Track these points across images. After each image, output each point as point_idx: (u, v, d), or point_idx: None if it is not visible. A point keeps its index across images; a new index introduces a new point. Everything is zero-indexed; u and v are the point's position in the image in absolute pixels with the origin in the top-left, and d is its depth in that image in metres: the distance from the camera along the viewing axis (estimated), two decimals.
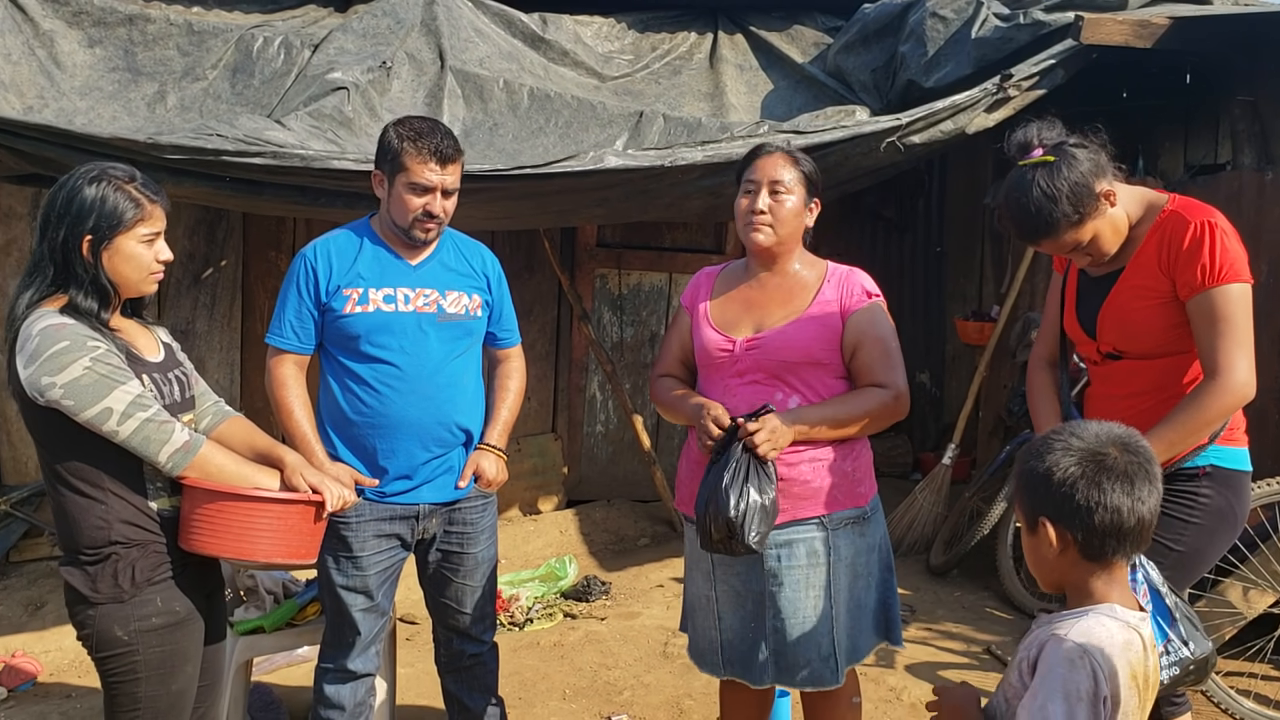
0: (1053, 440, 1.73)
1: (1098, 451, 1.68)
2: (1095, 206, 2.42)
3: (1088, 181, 2.41)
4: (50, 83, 4.31)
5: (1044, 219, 2.42)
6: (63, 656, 4.30)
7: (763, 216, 2.66)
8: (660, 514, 5.98)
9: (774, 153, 2.72)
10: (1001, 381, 5.92)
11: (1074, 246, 2.48)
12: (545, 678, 4.17)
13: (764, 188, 2.67)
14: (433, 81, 4.52)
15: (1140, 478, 1.67)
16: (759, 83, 5.07)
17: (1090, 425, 1.74)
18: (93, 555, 2.20)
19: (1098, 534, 1.67)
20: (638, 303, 6.14)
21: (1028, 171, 2.43)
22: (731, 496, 2.44)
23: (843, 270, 2.76)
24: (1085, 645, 1.62)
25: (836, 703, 2.78)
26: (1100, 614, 1.68)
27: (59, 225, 2.19)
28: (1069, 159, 2.41)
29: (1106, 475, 1.66)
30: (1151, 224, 2.49)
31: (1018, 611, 4.82)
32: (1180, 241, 2.41)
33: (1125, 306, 2.52)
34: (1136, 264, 2.50)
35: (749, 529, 2.45)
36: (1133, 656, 1.65)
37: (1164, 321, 2.47)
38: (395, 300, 2.84)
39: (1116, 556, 1.70)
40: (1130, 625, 1.68)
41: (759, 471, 2.49)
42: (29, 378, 2.11)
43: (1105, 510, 1.65)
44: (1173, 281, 2.43)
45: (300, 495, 2.32)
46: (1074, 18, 4.30)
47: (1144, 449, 1.71)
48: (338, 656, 2.94)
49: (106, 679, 2.25)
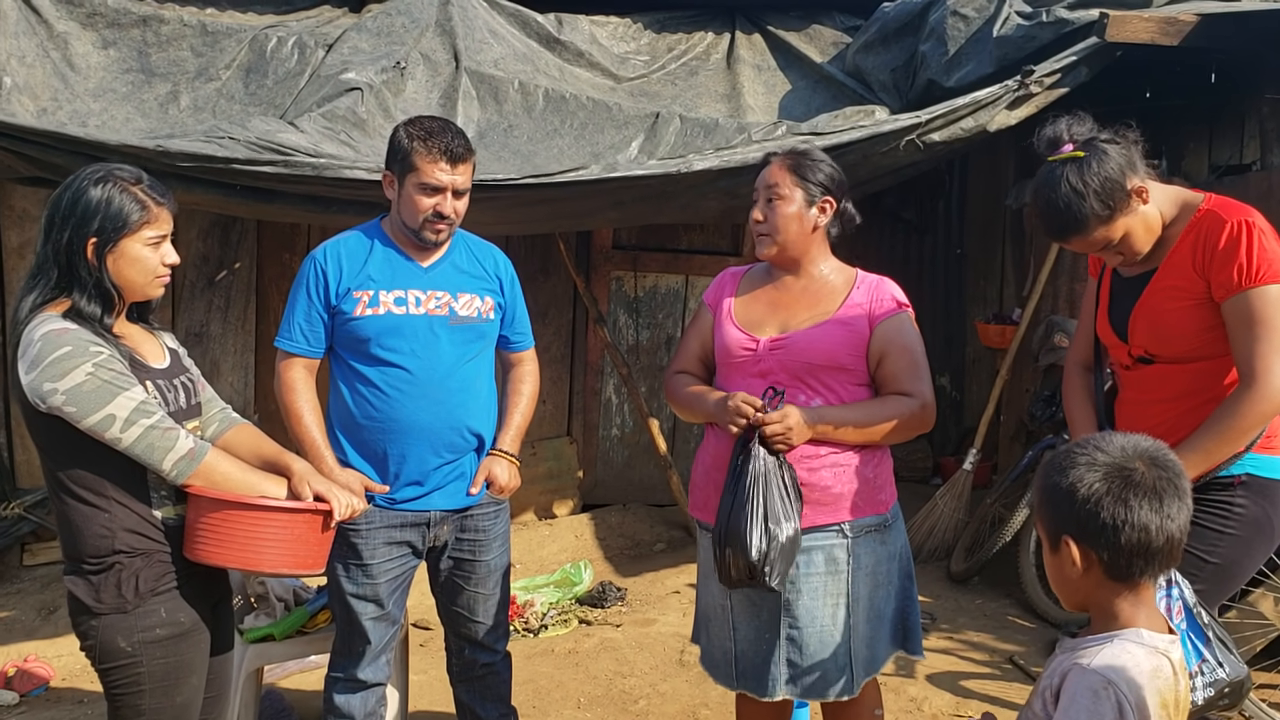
0: (1076, 454, 1.65)
1: (1124, 466, 1.61)
2: (1126, 203, 2.35)
3: (1119, 177, 2.34)
4: (64, 84, 4.30)
5: (1073, 215, 2.35)
6: (75, 661, 4.28)
7: (760, 226, 2.66)
8: (676, 519, 5.92)
9: (775, 160, 2.70)
10: (1023, 385, 5.84)
11: (1104, 244, 2.41)
12: (560, 685, 4.12)
13: (762, 196, 2.66)
14: (447, 82, 4.49)
15: (1169, 494, 1.60)
16: (777, 83, 5.02)
17: (1116, 438, 1.67)
18: (96, 565, 2.16)
19: (1124, 554, 1.60)
20: (654, 305, 6.09)
21: (1057, 167, 2.36)
22: (752, 538, 2.40)
23: (873, 278, 2.72)
24: (1110, 675, 1.55)
25: (858, 715, 2.72)
26: (1126, 640, 1.61)
27: (63, 227, 2.15)
28: (1099, 154, 2.34)
29: (1133, 491, 1.59)
30: (1186, 223, 2.41)
31: (1040, 620, 4.74)
32: (1216, 241, 2.33)
33: (1158, 308, 2.44)
34: (1170, 264, 2.42)
35: (771, 572, 2.42)
36: (1161, 684, 1.58)
37: (1197, 324, 2.39)
38: (406, 303, 2.79)
39: (1144, 577, 1.63)
40: (1159, 650, 1.61)
41: (780, 493, 2.43)
42: (30, 384, 2.07)
43: (1132, 529, 1.58)
44: (1208, 282, 2.35)
45: (307, 504, 2.27)
46: (1098, 15, 4.23)
47: (1173, 463, 1.64)
48: (348, 665, 2.90)
49: (110, 690, 2.21)
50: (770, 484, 2.44)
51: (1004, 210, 6.32)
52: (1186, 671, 1.67)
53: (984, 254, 6.83)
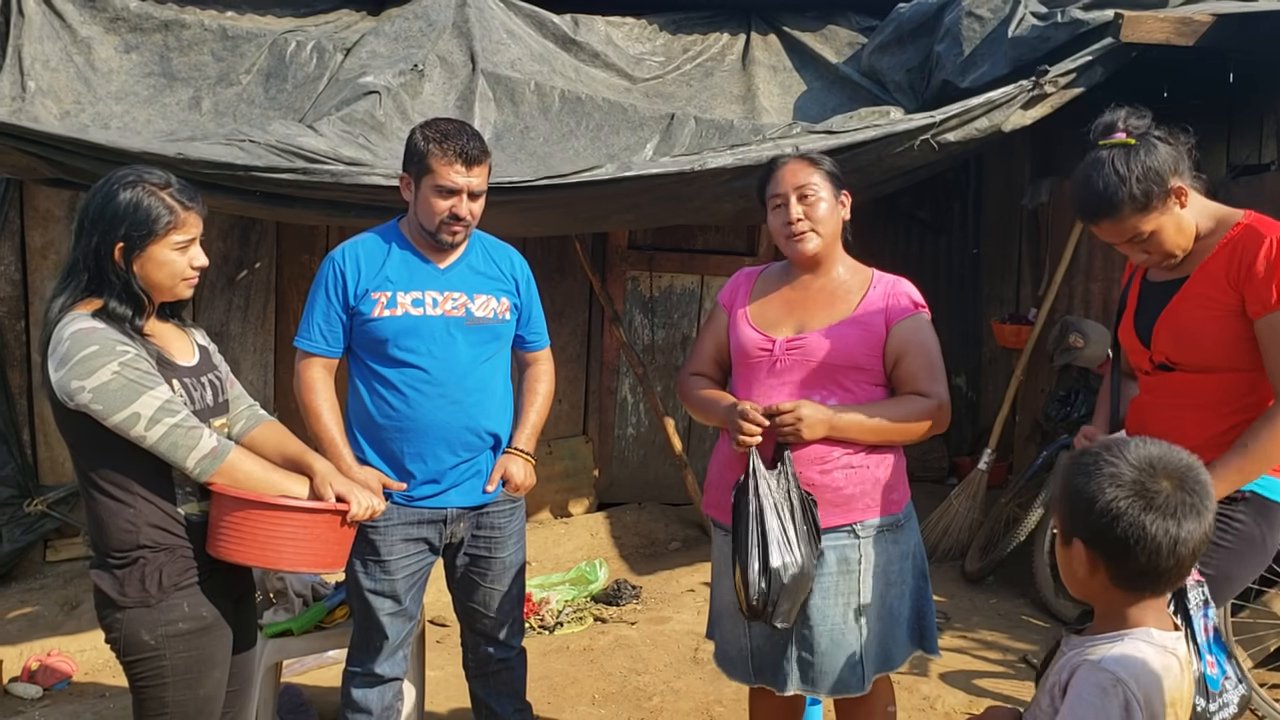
0: (1104, 461, 1.61)
1: (1148, 486, 1.57)
2: (1164, 200, 2.34)
3: (1162, 171, 2.33)
4: (87, 88, 4.36)
5: (1109, 197, 2.35)
6: (97, 656, 4.34)
7: (802, 224, 2.64)
8: (692, 517, 5.95)
9: (789, 161, 2.71)
10: (1039, 385, 5.84)
11: (1133, 235, 2.39)
12: (575, 682, 4.15)
13: (792, 196, 2.65)
14: (464, 84, 4.52)
15: (1189, 516, 1.56)
16: (792, 84, 5.03)
17: (1148, 447, 1.63)
18: (121, 559, 2.20)
19: (1132, 571, 1.59)
20: (669, 305, 6.11)
21: (1105, 151, 2.37)
22: (750, 576, 2.43)
23: (890, 278, 2.73)
24: (1119, 673, 1.55)
25: (871, 711, 2.73)
26: (1136, 639, 1.61)
27: (92, 231, 2.19)
28: (1150, 146, 2.34)
29: (1152, 513, 1.55)
30: (1224, 236, 2.39)
31: (1054, 620, 4.74)
32: (1254, 256, 2.31)
33: (1185, 315, 2.43)
34: (1203, 273, 2.41)
35: (774, 612, 2.46)
36: (1170, 682, 1.58)
37: (1224, 334, 2.37)
38: (423, 304, 2.83)
39: (1148, 594, 1.62)
40: (1167, 649, 1.61)
41: (786, 524, 2.45)
42: (59, 381, 2.12)
43: (1144, 550, 1.56)
44: (1241, 296, 2.34)
45: (327, 504, 2.31)
46: (1113, 15, 4.22)
47: (1201, 484, 1.59)
48: (365, 660, 2.94)
49: (134, 683, 2.26)
50: (770, 517, 2.45)
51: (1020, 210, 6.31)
52: (1192, 667, 1.67)
53: (1000, 254, 6.83)
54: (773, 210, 2.70)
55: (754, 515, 2.45)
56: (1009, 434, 6.04)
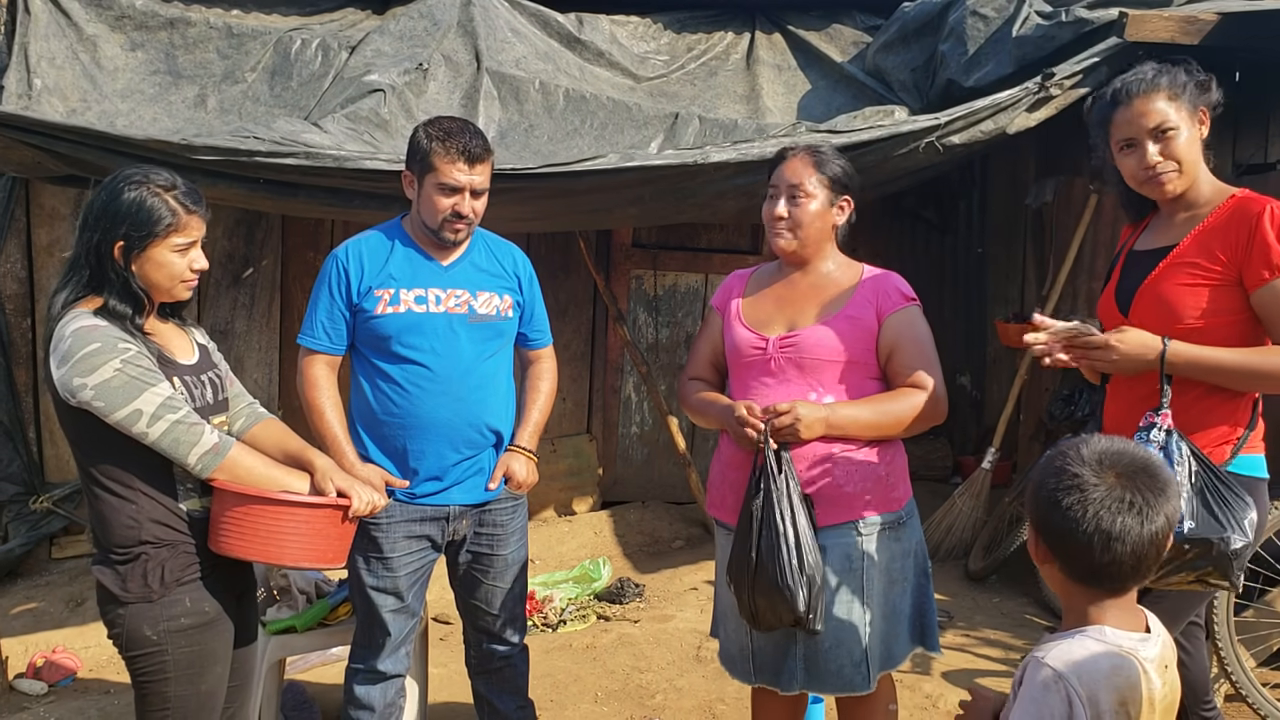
0: (1061, 453, 1.61)
1: (1089, 480, 1.55)
2: (1194, 108, 2.41)
3: (1199, 88, 2.41)
4: (93, 86, 4.37)
5: (1147, 76, 2.41)
6: (102, 653, 4.36)
7: (782, 222, 2.66)
8: (695, 516, 5.95)
9: (795, 156, 2.71)
10: (1043, 385, 5.83)
11: (1159, 123, 2.39)
12: (577, 680, 4.16)
13: (783, 193, 2.66)
14: (469, 83, 4.53)
15: (1128, 514, 1.53)
16: (797, 83, 5.03)
17: (1105, 444, 1.61)
18: (123, 554, 2.21)
19: (1073, 565, 1.59)
20: (673, 304, 6.12)
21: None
22: (799, 590, 2.41)
23: (878, 272, 2.74)
24: (1061, 670, 1.54)
25: (872, 710, 2.73)
26: (1087, 637, 1.59)
27: (95, 227, 2.21)
28: (1199, 77, 2.43)
29: (1088, 507, 1.54)
30: (1218, 206, 2.41)
31: (1057, 619, 4.72)
32: (1255, 224, 2.31)
33: (1167, 282, 2.41)
34: (1194, 240, 2.40)
35: (815, 617, 2.45)
36: (1120, 682, 1.55)
37: (1207, 305, 2.36)
38: (426, 301, 2.84)
39: (1103, 591, 1.61)
40: (1123, 650, 1.58)
41: (803, 530, 2.44)
42: (61, 378, 2.13)
43: (1076, 543, 1.55)
44: (1237, 267, 2.33)
45: (328, 499, 2.32)
46: (1118, 14, 4.22)
47: (1153, 484, 1.56)
48: (368, 657, 2.95)
49: (136, 678, 2.27)
50: (788, 521, 2.44)
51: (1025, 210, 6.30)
52: (1165, 669, 1.63)
53: (1005, 254, 6.81)
54: (767, 200, 2.72)
55: (777, 520, 2.44)
56: (1013, 433, 6.03)
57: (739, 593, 2.53)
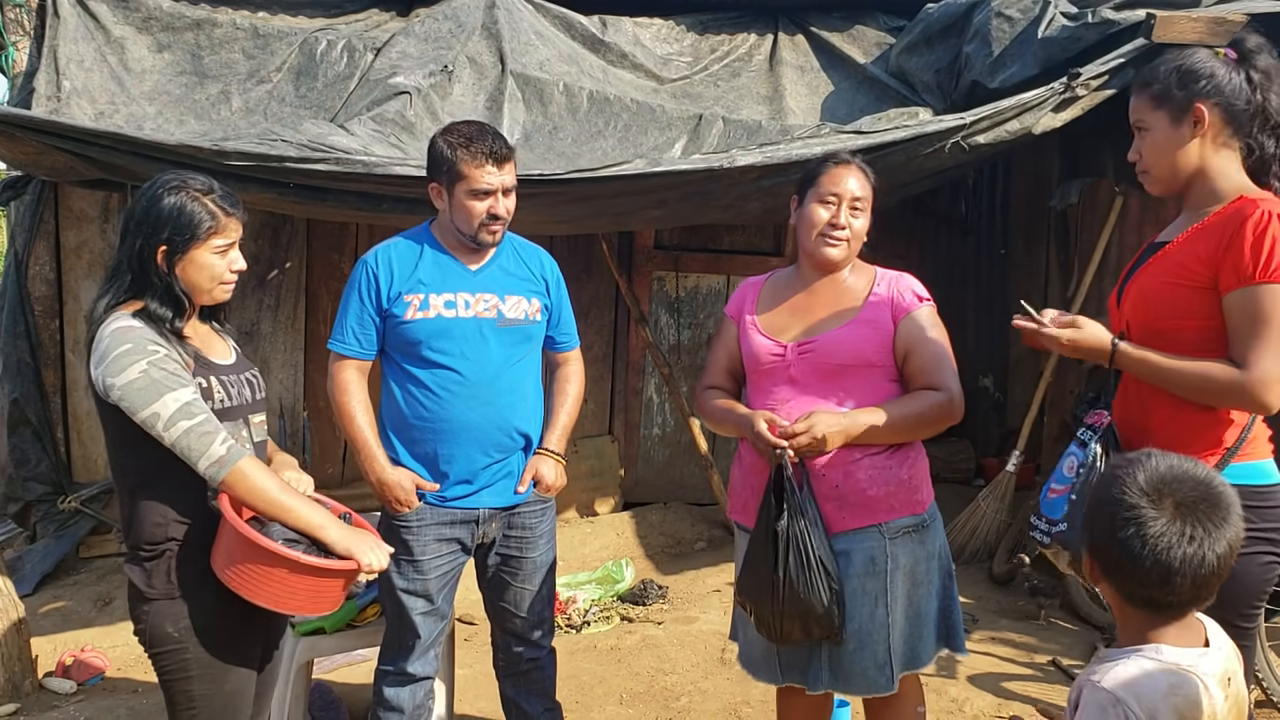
0: (1120, 474, 1.56)
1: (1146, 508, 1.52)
2: (1177, 107, 2.26)
3: (1194, 79, 2.25)
4: (120, 88, 4.40)
5: (1145, 73, 2.35)
6: (130, 652, 4.38)
7: (842, 233, 2.66)
8: (717, 518, 5.95)
9: (850, 164, 2.71)
10: (1067, 386, 5.80)
11: (1136, 120, 2.34)
12: (602, 681, 4.16)
13: (845, 203, 2.66)
14: (493, 85, 4.54)
15: (1185, 545, 1.50)
16: (820, 84, 5.02)
17: (1164, 464, 1.57)
18: (150, 552, 2.25)
19: (1129, 590, 1.56)
20: (695, 305, 6.12)
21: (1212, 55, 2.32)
22: (833, 607, 2.48)
23: (891, 274, 2.74)
24: (1119, 693, 1.52)
25: (900, 711, 2.73)
26: (1143, 657, 1.57)
27: (136, 234, 2.24)
28: (1225, 64, 2.26)
29: (1146, 538, 1.51)
30: (1223, 205, 2.26)
31: (1083, 622, 4.71)
32: (1236, 228, 2.17)
33: (1153, 277, 2.32)
34: (1186, 239, 2.28)
35: (844, 626, 2.53)
36: (1179, 701, 1.53)
37: (1178, 305, 2.25)
38: (456, 305, 2.85)
39: (1159, 614, 1.58)
40: (1181, 668, 1.55)
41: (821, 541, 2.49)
42: (97, 377, 2.18)
43: (1134, 572, 1.53)
44: (1215, 270, 2.19)
45: (333, 564, 2.22)
46: (1145, 16, 4.18)
47: (1213, 511, 1.52)
48: (397, 659, 2.96)
49: (161, 676, 2.30)
50: (820, 544, 2.49)
51: (1049, 211, 6.27)
52: (1228, 682, 1.61)
53: (1028, 255, 6.78)
54: (819, 204, 2.67)
55: (805, 540, 2.48)
56: (1037, 435, 6.00)
57: (759, 611, 2.55)
